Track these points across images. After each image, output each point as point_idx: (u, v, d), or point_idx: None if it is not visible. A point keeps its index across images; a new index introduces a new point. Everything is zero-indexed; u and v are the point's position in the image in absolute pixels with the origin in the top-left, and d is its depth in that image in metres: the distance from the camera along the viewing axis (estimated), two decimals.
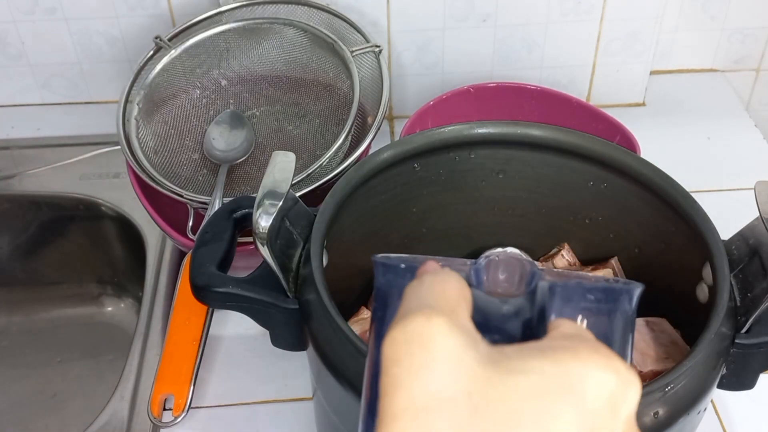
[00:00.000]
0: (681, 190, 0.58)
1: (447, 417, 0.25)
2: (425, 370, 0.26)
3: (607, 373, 0.26)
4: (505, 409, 0.25)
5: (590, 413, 0.25)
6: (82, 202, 0.90)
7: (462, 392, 0.25)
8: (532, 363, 0.26)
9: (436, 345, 0.26)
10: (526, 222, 0.70)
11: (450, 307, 0.28)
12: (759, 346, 0.52)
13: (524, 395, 0.25)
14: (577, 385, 0.25)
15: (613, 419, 0.26)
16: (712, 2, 0.99)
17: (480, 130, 0.64)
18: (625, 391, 0.26)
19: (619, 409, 0.26)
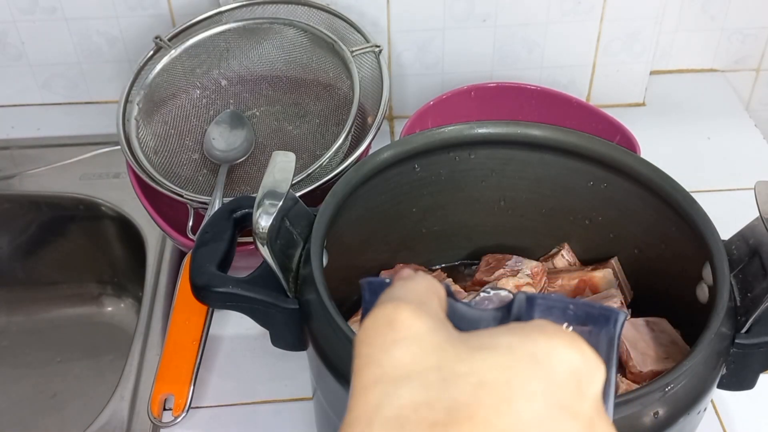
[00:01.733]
0: (681, 190, 0.58)
1: (416, 387, 0.25)
2: (394, 347, 0.26)
3: (573, 350, 0.26)
4: (473, 380, 0.25)
5: (557, 387, 0.25)
6: (82, 202, 0.90)
7: (431, 366, 0.26)
8: (501, 339, 0.27)
9: (404, 325, 0.27)
10: (526, 222, 0.70)
11: (419, 299, 0.29)
12: (759, 346, 0.52)
13: (492, 368, 0.25)
14: (545, 359, 0.26)
15: (579, 396, 0.26)
16: (712, 2, 0.99)
17: (480, 130, 0.64)
18: (591, 371, 0.27)
19: (585, 388, 0.26)
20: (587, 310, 0.32)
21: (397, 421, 0.24)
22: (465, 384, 0.25)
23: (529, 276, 0.65)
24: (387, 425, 0.25)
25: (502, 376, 0.25)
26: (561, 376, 0.26)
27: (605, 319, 0.32)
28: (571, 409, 0.25)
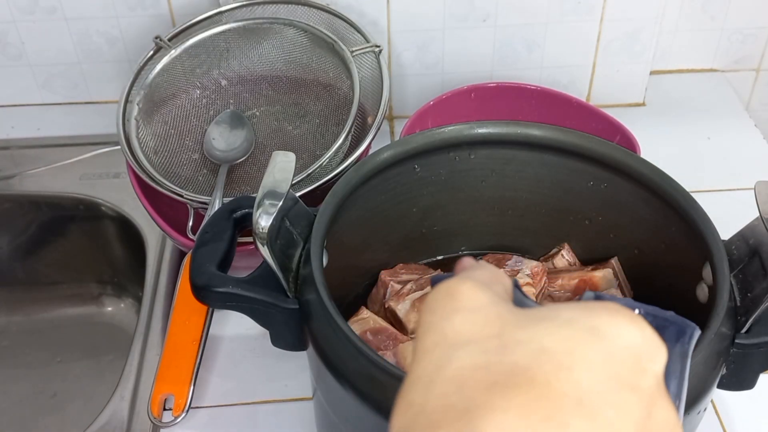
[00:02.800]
0: (681, 190, 0.58)
1: (475, 351, 0.26)
2: (455, 315, 0.27)
3: (634, 328, 0.27)
4: (534, 346, 0.25)
5: (617, 360, 0.25)
6: (82, 202, 0.90)
7: (491, 333, 0.26)
8: (562, 312, 0.27)
9: (464, 296, 0.28)
10: (526, 222, 0.70)
11: (482, 281, 0.29)
12: (759, 346, 0.52)
13: (553, 336, 0.26)
14: (605, 333, 0.26)
15: (639, 372, 0.26)
16: (712, 2, 0.99)
17: (480, 130, 0.64)
18: (652, 350, 0.27)
19: (645, 365, 0.26)
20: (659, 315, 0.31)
21: (457, 381, 0.25)
22: (525, 350, 0.25)
23: (529, 276, 0.65)
24: (447, 384, 0.25)
25: (562, 344, 0.25)
26: (621, 351, 0.26)
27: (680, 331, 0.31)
28: (630, 383, 0.25)
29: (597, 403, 0.24)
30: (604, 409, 0.24)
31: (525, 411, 0.24)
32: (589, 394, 0.24)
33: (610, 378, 0.25)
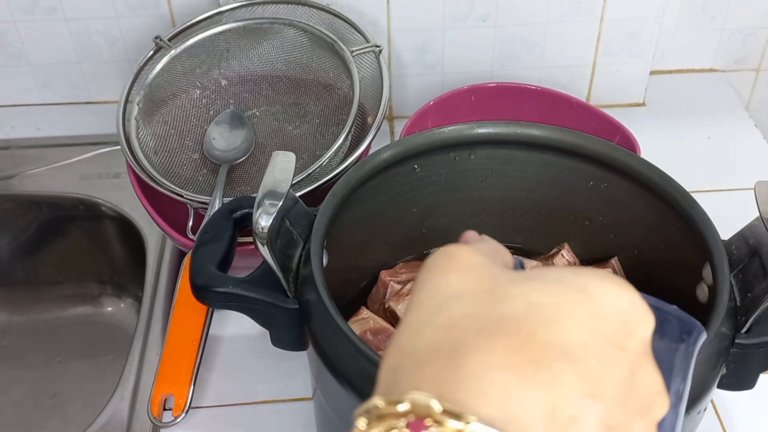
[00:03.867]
0: (681, 190, 0.58)
1: (467, 302, 0.26)
2: (451, 273, 0.28)
3: (623, 292, 0.27)
4: (524, 300, 0.26)
5: (604, 319, 0.26)
6: (82, 202, 0.90)
7: (484, 289, 0.27)
8: (554, 272, 0.28)
9: (461, 257, 0.29)
10: (526, 222, 0.70)
11: (482, 250, 0.30)
12: (759, 346, 0.52)
13: (543, 292, 0.26)
14: (594, 294, 0.26)
15: (626, 333, 0.26)
16: (712, 2, 0.99)
17: (480, 130, 0.64)
18: (640, 315, 0.27)
19: (633, 328, 0.26)
20: (662, 308, 0.31)
21: (447, 327, 0.26)
22: (515, 303, 0.26)
23: None
24: (437, 329, 0.26)
25: (551, 300, 0.26)
26: (609, 312, 0.26)
27: (684, 329, 0.31)
28: (616, 342, 0.26)
29: (582, 354, 0.25)
30: (589, 361, 0.25)
31: (510, 352, 0.24)
32: (574, 345, 0.25)
33: (596, 334, 0.25)
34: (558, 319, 0.25)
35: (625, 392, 0.25)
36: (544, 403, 0.24)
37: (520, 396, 0.24)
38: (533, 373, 0.24)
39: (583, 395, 0.24)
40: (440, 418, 0.23)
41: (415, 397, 0.23)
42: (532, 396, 0.24)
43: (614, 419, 0.25)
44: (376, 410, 0.24)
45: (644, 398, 0.26)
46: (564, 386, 0.24)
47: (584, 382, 0.24)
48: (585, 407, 0.24)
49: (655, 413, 0.27)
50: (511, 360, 0.24)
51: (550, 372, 0.24)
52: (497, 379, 0.24)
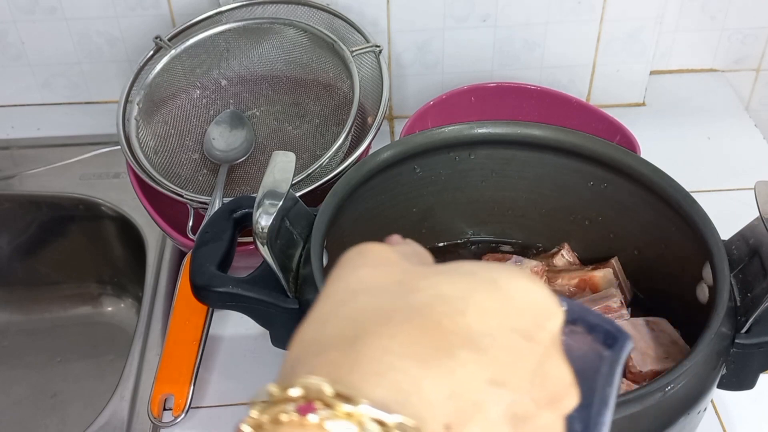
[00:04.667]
0: (681, 190, 0.58)
1: (375, 294, 0.26)
2: (363, 268, 0.28)
3: (533, 286, 0.27)
4: (431, 292, 0.26)
5: (513, 311, 0.26)
6: (82, 202, 0.90)
7: (393, 281, 0.27)
8: (466, 266, 0.27)
9: (374, 253, 0.28)
10: (526, 222, 0.70)
11: (400, 250, 0.30)
12: (759, 346, 0.52)
13: (452, 284, 0.26)
14: (504, 286, 0.26)
15: (535, 325, 0.26)
16: (712, 2, 0.99)
17: (480, 130, 0.64)
18: (550, 308, 0.27)
19: (542, 321, 0.26)
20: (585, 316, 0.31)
21: (350, 318, 0.25)
22: (422, 294, 0.25)
23: None
24: (342, 321, 0.25)
25: (459, 292, 0.26)
26: (518, 304, 0.26)
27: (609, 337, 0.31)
28: (525, 334, 0.26)
29: (488, 343, 0.25)
30: (494, 350, 0.25)
31: (412, 340, 0.24)
32: (480, 335, 0.25)
33: (503, 325, 0.25)
34: (464, 309, 0.25)
35: (532, 383, 0.25)
36: (445, 388, 0.23)
37: (419, 381, 0.23)
38: (435, 359, 0.24)
39: (487, 383, 0.24)
40: (331, 401, 0.22)
41: (307, 382, 0.23)
42: (432, 381, 0.23)
43: (521, 408, 0.24)
44: (270, 397, 0.23)
45: (553, 390, 0.26)
46: (467, 373, 0.24)
47: (489, 370, 0.24)
48: (489, 394, 0.24)
49: (565, 405, 0.26)
50: (412, 347, 0.24)
51: (453, 359, 0.24)
52: (396, 364, 0.23)
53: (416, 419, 0.22)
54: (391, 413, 0.22)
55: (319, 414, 0.22)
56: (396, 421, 0.22)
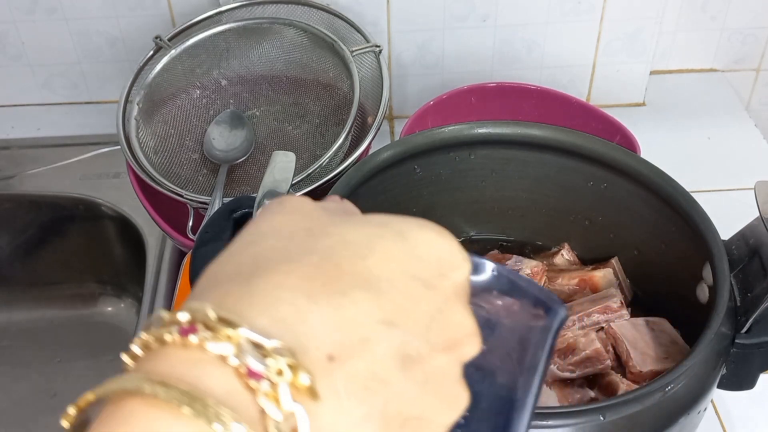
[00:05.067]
0: (681, 190, 0.58)
1: (281, 238, 0.26)
2: (278, 215, 0.28)
3: (441, 239, 0.27)
4: (337, 238, 0.26)
5: (416, 259, 0.26)
6: (82, 202, 0.90)
7: (303, 227, 0.27)
8: (376, 217, 0.28)
9: (291, 202, 0.29)
10: (526, 222, 0.70)
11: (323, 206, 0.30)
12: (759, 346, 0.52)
13: (358, 232, 0.26)
14: (410, 237, 0.27)
15: (438, 275, 0.26)
16: (712, 2, 0.99)
17: (480, 130, 0.64)
18: (456, 261, 0.27)
19: (447, 271, 0.27)
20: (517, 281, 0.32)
21: (253, 257, 0.26)
22: (327, 239, 0.26)
23: (529, 276, 0.65)
24: (244, 258, 0.26)
25: (364, 239, 0.26)
26: (422, 254, 0.26)
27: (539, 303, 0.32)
28: (426, 281, 0.26)
29: (385, 286, 0.25)
30: (391, 293, 0.25)
31: (307, 278, 0.24)
32: (378, 279, 0.25)
33: (404, 272, 0.26)
34: (367, 255, 0.26)
35: (429, 327, 0.26)
36: (332, 322, 0.24)
37: (305, 313, 0.24)
38: (326, 295, 0.24)
39: (378, 322, 0.24)
40: (213, 325, 0.23)
41: (194, 307, 0.23)
42: (319, 314, 0.24)
43: (413, 349, 0.25)
44: (161, 321, 0.24)
45: (452, 336, 0.26)
46: (359, 311, 0.24)
47: (382, 310, 0.25)
48: (379, 332, 0.24)
49: (464, 352, 0.27)
50: (305, 283, 0.24)
51: (345, 297, 0.24)
52: (284, 297, 0.24)
53: (297, 347, 0.23)
54: (271, 339, 0.23)
55: (199, 335, 0.22)
56: (273, 345, 0.22)
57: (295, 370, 0.22)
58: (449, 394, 0.26)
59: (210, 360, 0.22)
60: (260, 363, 0.22)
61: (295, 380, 0.22)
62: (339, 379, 0.23)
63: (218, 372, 0.22)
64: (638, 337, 0.59)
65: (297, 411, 0.22)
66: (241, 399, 0.22)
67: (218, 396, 0.22)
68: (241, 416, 0.22)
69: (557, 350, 0.60)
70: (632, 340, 0.59)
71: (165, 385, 0.22)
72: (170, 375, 0.22)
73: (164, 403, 0.21)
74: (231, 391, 0.22)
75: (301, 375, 0.22)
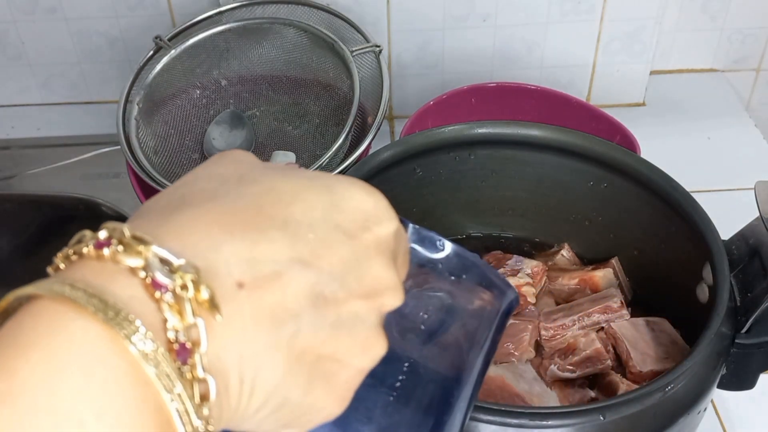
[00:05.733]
0: (681, 190, 0.58)
1: (212, 182, 0.28)
2: (217, 164, 0.29)
3: (368, 196, 0.28)
4: (265, 186, 0.27)
5: (340, 211, 0.27)
6: (82, 202, 0.90)
7: (236, 175, 0.28)
8: (311, 172, 0.29)
9: (236, 154, 0.30)
10: (526, 222, 0.70)
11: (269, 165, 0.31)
12: (759, 346, 0.52)
13: (286, 181, 0.27)
14: (337, 191, 0.28)
15: (362, 228, 0.27)
16: (712, 2, 0.99)
17: (480, 130, 0.64)
18: (382, 217, 0.28)
19: (369, 226, 0.28)
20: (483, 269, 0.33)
21: (181, 196, 0.27)
22: (256, 186, 0.27)
23: (529, 275, 0.65)
24: (172, 197, 0.27)
25: (291, 188, 0.27)
26: (347, 207, 0.27)
27: (499, 291, 0.33)
28: (347, 231, 0.27)
29: (304, 231, 0.26)
30: (309, 236, 0.26)
31: (226, 215, 0.25)
32: (297, 223, 0.26)
33: (326, 221, 0.27)
34: (290, 202, 0.26)
35: (345, 273, 0.26)
36: (245, 253, 0.25)
37: (219, 243, 0.25)
38: (242, 231, 0.25)
39: (293, 260, 0.25)
40: (127, 241, 0.24)
41: (113, 226, 0.24)
42: (232, 245, 0.25)
43: (328, 291, 0.26)
44: (82, 238, 0.25)
45: (370, 285, 0.27)
46: (273, 248, 0.25)
47: (297, 251, 0.26)
48: (292, 269, 0.25)
49: (382, 303, 0.27)
50: (224, 218, 0.25)
51: (261, 234, 0.25)
52: (200, 228, 0.25)
53: (206, 270, 0.24)
54: (179, 259, 0.24)
55: (112, 249, 0.24)
56: (180, 263, 0.24)
57: (197, 285, 0.23)
58: (365, 339, 0.27)
59: (120, 271, 0.24)
60: (166, 277, 0.23)
61: (197, 295, 0.23)
62: (246, 306, 0.24)
63: (126, 281, 0.23)
64: (638, 337, 0.59)
65: (198, 323, 0.23)
66: (144, 307, 0.23)
67: (122, 301, 0.23)
68: (143, 321, 0.23)
69: (558, 350, 0.60)
70: (632, 340, 0.59)
71: (73, 287, 0.23)
72: (80, 281, 0.23)
73: (70, 301, 0.22)
74: (136, 298, 0.23)
75: (203, 290, 0.23)
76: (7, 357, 0.22)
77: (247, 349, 0.24)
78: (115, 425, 0.21)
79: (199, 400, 0.23)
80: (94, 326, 0.22)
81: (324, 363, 0.26)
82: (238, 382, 0.24)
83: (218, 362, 0.24)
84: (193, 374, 0.23)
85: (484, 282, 0.33)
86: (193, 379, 0.23)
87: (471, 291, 0.33)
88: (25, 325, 0.23)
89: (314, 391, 0.26)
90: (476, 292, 0.33)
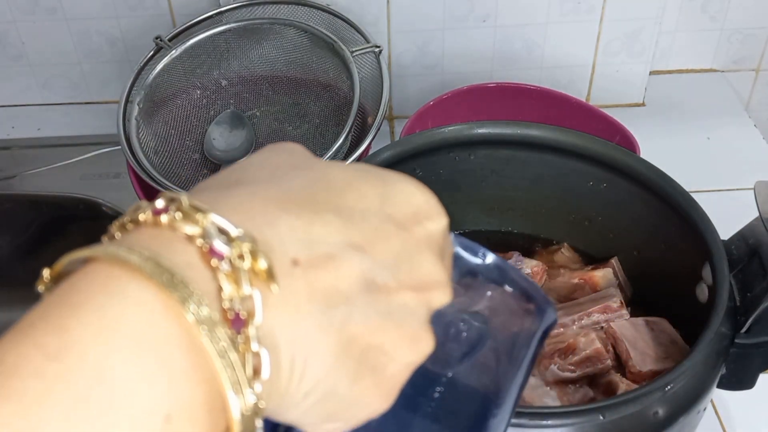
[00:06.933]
0: (681, 190, 0.59)
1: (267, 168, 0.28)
2: (273, 152, 0.29)
3: (421, 191, 0.28)
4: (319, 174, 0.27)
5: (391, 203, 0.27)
6: (82, 202, 0.90)
7: (290, 163, 0.28)
8: (365, 165, 0.29)
9: (289, 145, 0.30)
10: (525, 222, 0.70)
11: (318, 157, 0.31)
12: (759, 346, 0.52)
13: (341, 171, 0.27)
14: (390, 183, 0.28)
15: (413, 221, 0.27)
16: (711, 2, 0.99)
17: (480, 130, 0.64)
18: (433, 212, 0.28)
19: (420, 220, 0.28)
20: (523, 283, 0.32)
21: (237, 175, 0.27)
22: (310, 173, 0.27)
23: (529, 275, 0.65)
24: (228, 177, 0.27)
25: (345, 176, 0.27)
26: (399, 200, 0.27)
27: (539, 307, 0.32)
28: (399, 222, 0.27)
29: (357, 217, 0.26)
30: (362, 224, 0.26)
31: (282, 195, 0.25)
32: (351, 210, 0.26)
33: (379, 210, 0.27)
34: (344, 189, 0.26)
35: (397, 264, 0.26)
36: (301, 233, 0.25)
37: (276, 219, 0.25)
38: (297, 210, 0.25)
39: (347, 245, 0.25)
40: (186, 209, 0.24)
41: (171, 195, 0.24)
42: (289, 223, 0.25)
43: (379, 278, 0.26)
44: (138, 207, 0.25)
45: (420, 279, 0.27)
46: (328, 230, 0.25)
47: (350, 236, 0.25)
48: (347, 252, 0.25)
49: (432, 297, 0.27)
50: (280, 197, 0.25)
51: (317, 215, 0.25)
52: (256, 203, 0.25)
53: (262, 242, 0.23)
54: (237, 228, 0.23)
55: (170, 215, 0.24)
56: (238, 234, 0.23)
57: (255, 255, 0.23)
58: (413, 333, 0.26)
59: (177, 238, 0.23)
60: (224, 245, 0.23)
61: (255, 265, 0.23)
62: (300, 283, 0.24)
63: (183, 248, 0.23)
64: (638, 336, 0.59)
65: (254, 294, 0.23)
66: (200, 274, 0.23)
67: (178, 266, 0.23)
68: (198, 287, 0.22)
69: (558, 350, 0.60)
70: (632, 340, 0.59)
71: (129, 249, 0.23)
72: (136, 245, 0.23)
73: (125, 264, 0.22)
74: (192, 264, 0.23)
75: (261, 260, 0.23)
76: (60, 316, 0.22)
77: (299, 328, 0.24)
78: (163, 390, 0.21)
79: (251, 374, 0.23)
80: (148, 289, 0.22)
81: (372, 354, 0.26)
82: (290, 361, 0.24)
83: (271, 337, 0.23)
84: (247, 346, 0.23)
85: (524, 297, 0.32)
86: (246, 351, 0.23)
87: (510, 306, 0.32)
88: (79, 286, 0.22)
89: (361, 382, 0.26)
90: (516, 308, 0.33)
